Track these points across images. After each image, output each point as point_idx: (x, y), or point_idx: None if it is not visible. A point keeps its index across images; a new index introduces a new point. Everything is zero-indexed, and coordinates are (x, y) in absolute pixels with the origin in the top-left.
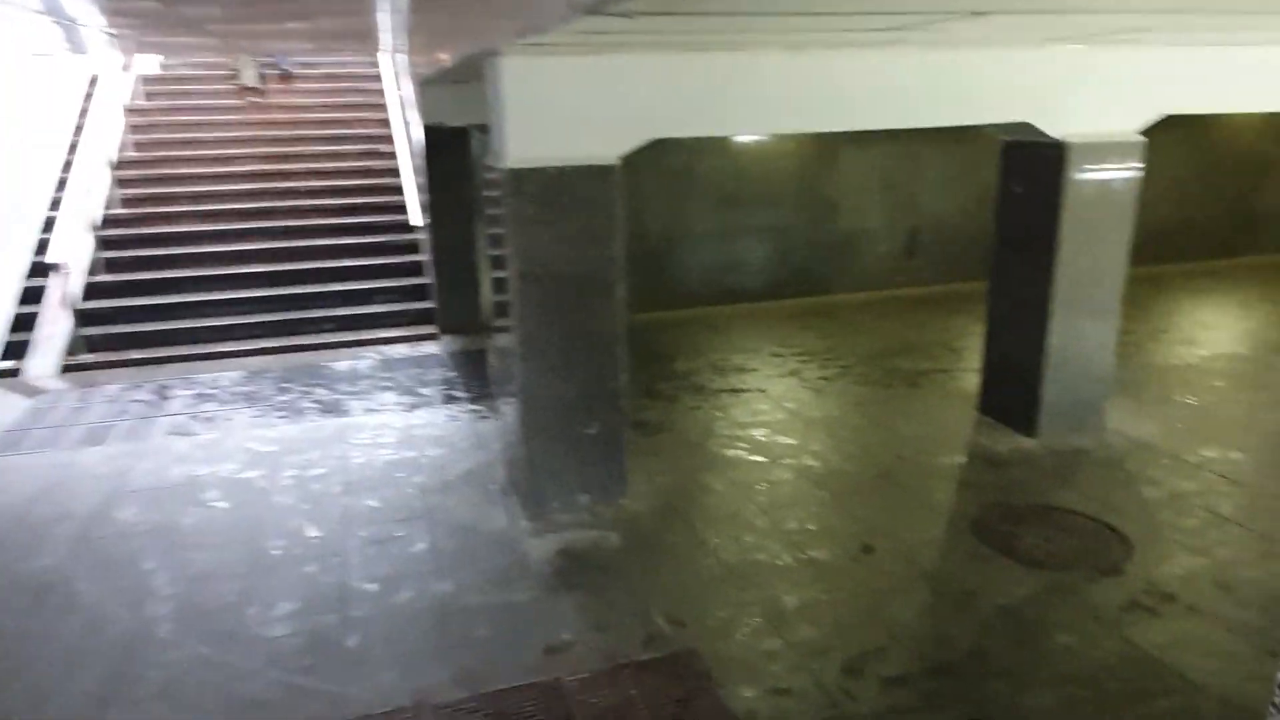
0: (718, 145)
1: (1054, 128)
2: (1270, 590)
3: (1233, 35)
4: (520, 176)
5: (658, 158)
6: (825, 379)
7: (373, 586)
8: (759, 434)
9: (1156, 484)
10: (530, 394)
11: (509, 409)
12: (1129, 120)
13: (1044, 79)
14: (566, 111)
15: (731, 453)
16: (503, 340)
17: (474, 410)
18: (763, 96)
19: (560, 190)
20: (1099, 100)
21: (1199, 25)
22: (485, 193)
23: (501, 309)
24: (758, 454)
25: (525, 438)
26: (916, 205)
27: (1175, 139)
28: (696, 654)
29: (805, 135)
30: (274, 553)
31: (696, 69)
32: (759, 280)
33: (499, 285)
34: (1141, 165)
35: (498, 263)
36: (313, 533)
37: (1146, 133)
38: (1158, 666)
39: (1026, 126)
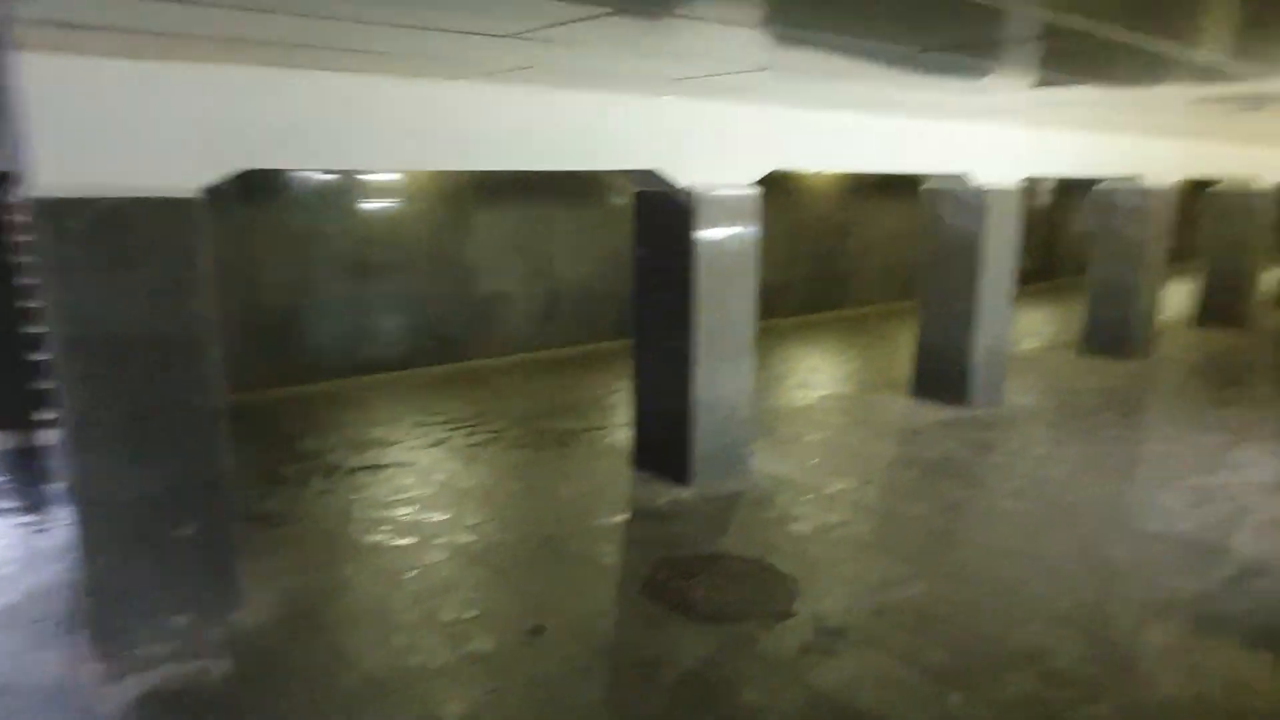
0: (346, 206)
1: (680, 176)
2: (918, 609)
3: (825, 99)
4: (59, 209)
5: (278, 217)
6: (475, 445)
7: None
8: (404, 513)
9: (805, 519)
10: (93, 493)
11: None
12: (747, 172)
13: (668, 127)
14: (124, 128)
15: (373, 538)
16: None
17: (25, 524)
18: (378, 126)
19: (120, 228)
20: (720, 151)
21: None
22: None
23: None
24: (404, 536)
25: (91, 551)
26: (552, 267)
27: (769, 206)
28: None
29: (437, 197)
30: None
31: (299, 89)
32: (396, 349)
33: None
34: (757, 219)
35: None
36: None
37: None
38: (842, 710)
39: (653, 175)
